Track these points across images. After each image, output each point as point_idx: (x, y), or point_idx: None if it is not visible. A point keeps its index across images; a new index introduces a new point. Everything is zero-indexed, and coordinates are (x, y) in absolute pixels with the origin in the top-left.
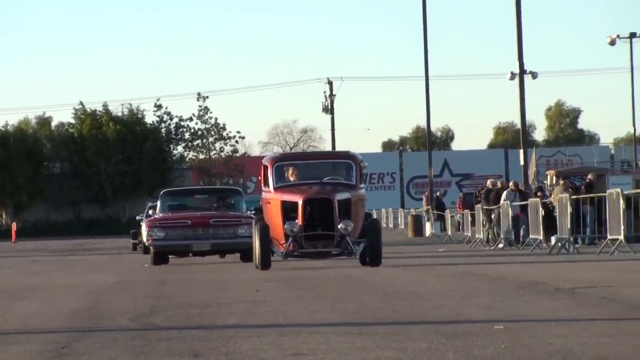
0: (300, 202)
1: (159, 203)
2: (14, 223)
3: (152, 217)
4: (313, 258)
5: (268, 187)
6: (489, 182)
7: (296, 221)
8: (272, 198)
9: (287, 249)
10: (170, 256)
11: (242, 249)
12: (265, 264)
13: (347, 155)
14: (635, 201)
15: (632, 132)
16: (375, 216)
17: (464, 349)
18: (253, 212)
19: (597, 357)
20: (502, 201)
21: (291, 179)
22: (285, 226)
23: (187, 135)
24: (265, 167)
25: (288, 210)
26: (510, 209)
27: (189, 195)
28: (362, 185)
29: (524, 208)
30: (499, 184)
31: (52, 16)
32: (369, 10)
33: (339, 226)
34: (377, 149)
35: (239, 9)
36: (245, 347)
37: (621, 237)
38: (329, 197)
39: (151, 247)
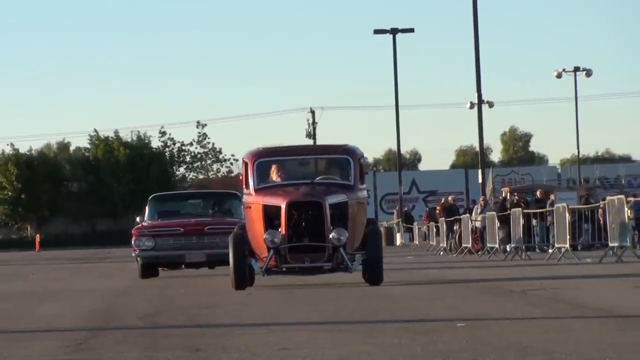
0: (283, 207)
1: (147, 209)
2: (38, 235)
3: (139, 225)
4: (299, 274)
5: (248, 188)
6: (450, 198)
7: (279, 230)
8: (253, 202)
9: (267, 264)
10: (160, 269)
11: None
12: (239, 283)
13: (343, 149)
14: (579, 213)
15: (577, 154)
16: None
17: (430, 343)
18: None
19: (545, 350)
20: (473, 215)
21: (275, 178)
22: (265, 236)
23: (188, 158)
24: (246, 165)
25: (271, 217)
26: (479, 221)
27: (181, 200)
28: (363, 186)
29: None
30: (450, 200)
31: (67, 56)
32: (347, 49)
33: (330, 236)
34: None
35: (235, 48)
36: (239, 342)
37: (567, 245)
38: (318, 200)
39: (138, 259)
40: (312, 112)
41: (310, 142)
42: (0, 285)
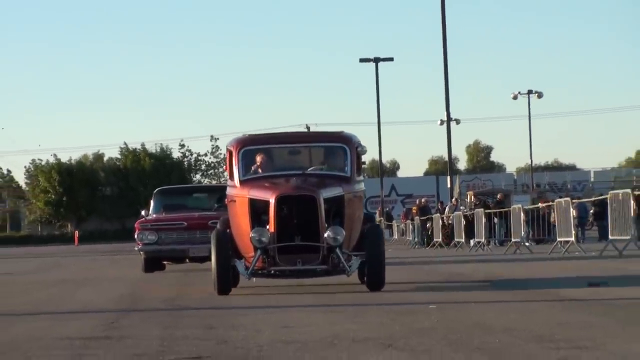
0: (272, 201)
1: (152, 203)
2: (76, 231)
3: (143, 219)
4: (290, 277)
5: (233, 179)
6: (424, 200)
7: (267, 227)
8: (238, 195)
9: (253, 265)
10: (165, 262)
11: None
12: (223, 287)
13: (339, 136)
14: (532, 213)
15: (530, 163)
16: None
17: (407, 323)
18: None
19: (506, 328)
20: (446, 212)
21: (263, 169)
22: (251, 234)
23: (203, 167)
24: (230, 153)
25: (258, 212)
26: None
27: (186, 194)
28: (360, 178)
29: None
30: (423, 202)
31: (102, 80)
32: (338, 75)
33: (325, 235)
34: None
35: (243, 70)
36: (247, 321)
37: (519, 239)
38: (311, 194)
39: (141, 253)
40: (308, 128)
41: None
42: (45, 273)
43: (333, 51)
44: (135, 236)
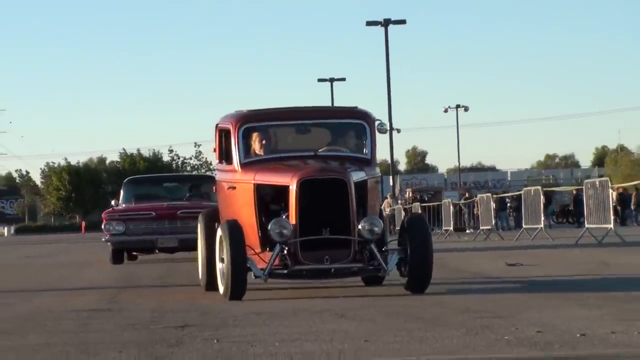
0: (293, 187)
1: (122, 192)
2: (83, 222)
3: (111, 209)
4: (316, 278)
5: (230, 162)
6: None
7: (284, 217)
8: (239, 180)
9: (271, 264)
10: (135, 253)
11: None
12: (236, 291)
13: (356, 111)
14: (460, 206)
15: (458, 165)
16: None
17: (359, 299)
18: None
19: (437, 302)
20: (384, 206)
21: (260, 151)
22: (270, 226)
23: (188, 168)
24: (225, 133)
25: (265, 201)
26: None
27: (157, 184)
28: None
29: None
30: None
31: (105, 95)
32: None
33: (360, 226)
34: None
35: (229, 88)
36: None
37: (451, 228)
38: (341, 177)
39: (109, 244)
40: None
41: None
42: (57, 257)
43: (291, 70)
44: (103, 227)
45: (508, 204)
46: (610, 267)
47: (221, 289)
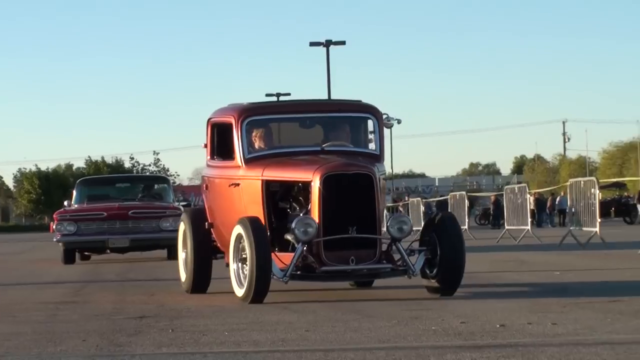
0: (317, 182)
1: (74, 193)
2: (52, 223)
3: (62, 209)
4: (341, 280)
5: (230, 158)
6: None
7: (306, 215)
8: (244, 177)
9: (293, 264)
10: (87, 254)
11: (167, 245)
12: (260, 292)
13: (364, 105)
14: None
15: (392, 171)
16: None
17: (307, 292)
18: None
19: (377, 298)
20: None
21: (262, 145)
22: (294, 224)
23: (147, 174)
24: (223, 127)
25: (274, 198)
26: None
27: (109, 184)
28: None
29: None
30: None
31: (72, 103)
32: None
33: (388, 224)
34: None
35: (191, 93)
36: (181, 289)
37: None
38: (367, 172)
39: (60, 244)
40: None
41: None
42: (28, 254)
43: (240, 85)
44: (54, 227)
45: (434, 208)
46: (526, 264)
47: (238, 291)
